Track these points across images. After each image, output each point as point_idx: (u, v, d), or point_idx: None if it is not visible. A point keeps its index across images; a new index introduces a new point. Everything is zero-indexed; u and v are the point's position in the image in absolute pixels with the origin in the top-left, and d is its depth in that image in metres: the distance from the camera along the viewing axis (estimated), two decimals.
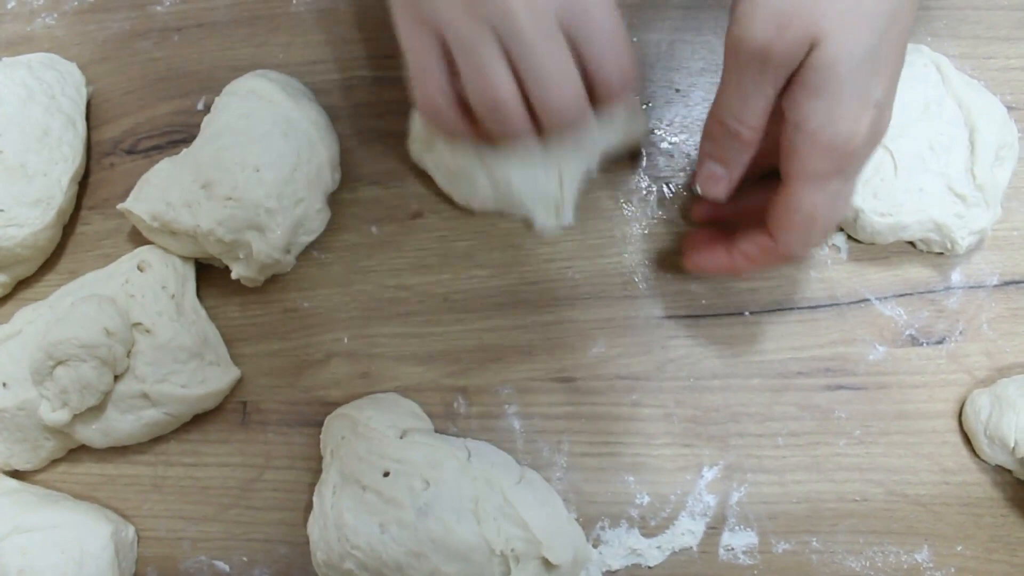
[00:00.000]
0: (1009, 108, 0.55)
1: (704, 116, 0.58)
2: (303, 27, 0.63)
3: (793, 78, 0.42)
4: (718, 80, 0.58)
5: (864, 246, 0.56)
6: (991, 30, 0.59)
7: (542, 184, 0.53)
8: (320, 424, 0.54)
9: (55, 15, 0.65)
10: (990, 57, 0.59)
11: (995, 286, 0.55)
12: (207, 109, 0.59)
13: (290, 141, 0.54)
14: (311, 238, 0.56)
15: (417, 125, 0.56)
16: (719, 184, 0.49)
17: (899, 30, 0.42)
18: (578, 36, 0.43)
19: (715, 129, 0.47)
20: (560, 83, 0.44)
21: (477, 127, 0.47)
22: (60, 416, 0.52)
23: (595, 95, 0.46)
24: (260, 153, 0.53)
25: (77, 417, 0.52)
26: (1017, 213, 0.56)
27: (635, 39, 0.60)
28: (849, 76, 0.41)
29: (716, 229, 0.53)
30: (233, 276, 0.55)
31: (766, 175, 0.49)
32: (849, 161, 0.43)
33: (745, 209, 0.50)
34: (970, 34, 0.59)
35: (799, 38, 0.41)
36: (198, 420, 0.56)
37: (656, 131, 0.59)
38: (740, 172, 0.48)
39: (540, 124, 0.46)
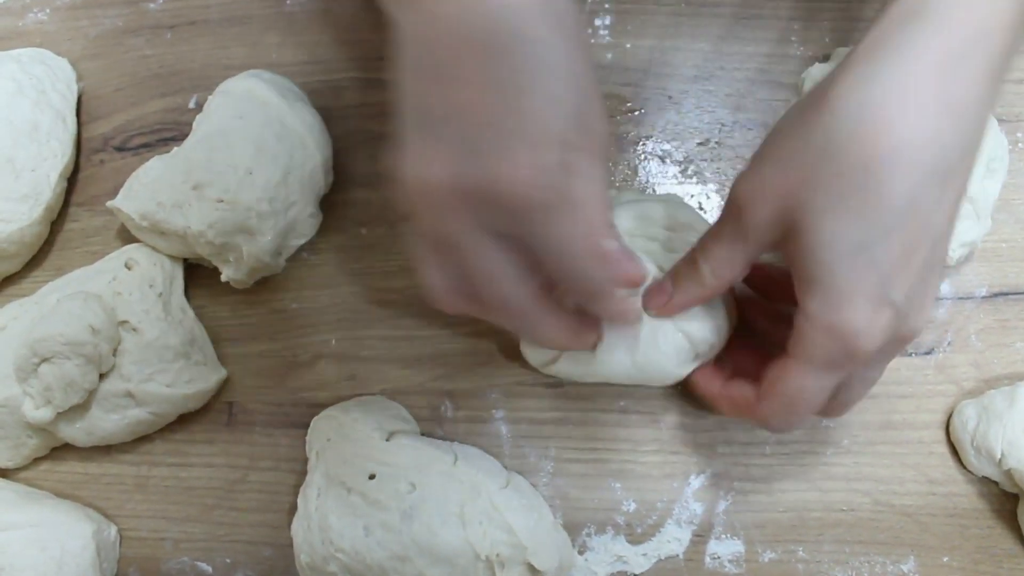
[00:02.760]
0: (999, 120, 0.56)
1: (696, 123, 0.59)
2: (296, 27, 0.63)
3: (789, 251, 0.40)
4: (711, 87, 0.59)
5: None
6: None
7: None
8: (306, 426, 0.54)
9: (47, 10, 0.65)
10: None
11: (984, 298, 0.55)
12: (199, 108, 0.59)
13: (283, 144, 0.54)
14: (302, 241, 0.56)
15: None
16: (659, 298, 0.46)
17: (921, 225, 0.37)
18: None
19: (687, 257, 0.45)
20: (499, 288, 0.40)
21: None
22: (43, 414, 0.51)
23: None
24: (253, 155, 0.53)
25: (61, 415, 0.52)
26: (1006, 225, 0.56)
27: (628, 45, 0.60)
28: (839, 267, 0.38)
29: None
30: (223, 279, 0.54)
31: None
32: (854, 358, 0.39)
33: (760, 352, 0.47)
34: None
35: (768, 218, 0.40)
36: (183, 420, 0.56)
37: (648, 138, 0.59)
38: (687, 304, 0.46)
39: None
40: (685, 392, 0.54)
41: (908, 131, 0.36)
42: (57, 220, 0.60)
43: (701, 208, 0.57)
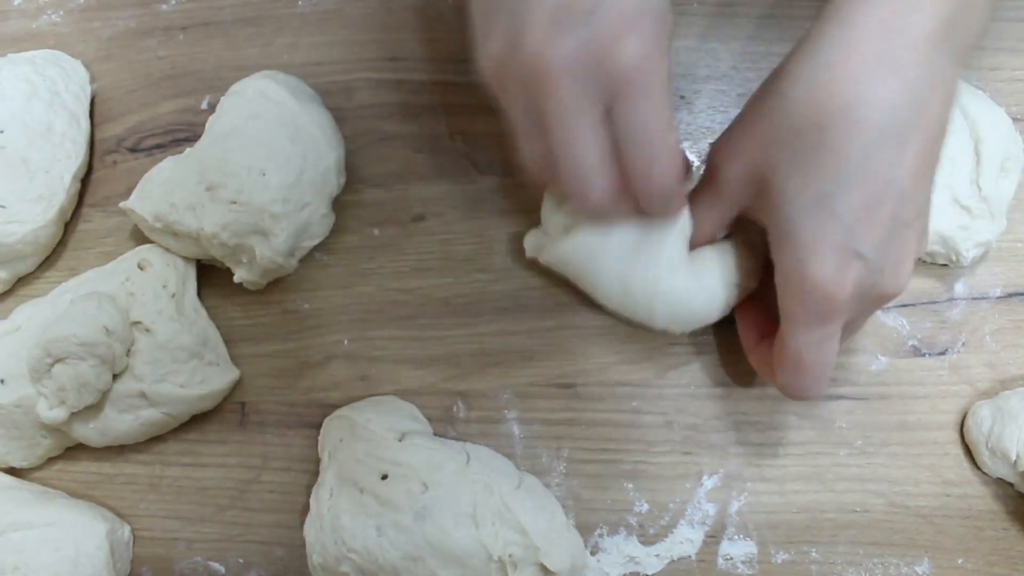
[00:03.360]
0: (1015, 119, 0.55)
1: (708, 123, 0.59)
2: (308, 28, 0.63)
3: (761, 209, 0.44)
4: (723, 87, 0.59)
5: None
6: (997, 41, 0.59)
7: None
8: (318, 426, 0.54)
9: (61, 12, 0.65)
10: (996, 68, 0.59)
11: (998, 298, 0.55)
12: (212, 108, 0.59)
13: (297, 145, 0.54)
14: (315, 242, 0.56)
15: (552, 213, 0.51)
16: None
17: (880, 180, 0.40)
18: (615, 128, 0.42)
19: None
20: (583, 164, 0.42)
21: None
22: (57, 414, 0.51)
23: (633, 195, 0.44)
24: (266, 156, 0.53)
25: (74, 415, 0.52)
26: (1021, 225, 0.56)
27: None
28: (802, 219, 0.41)
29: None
30: (236, 280, 0.54)
31: None
32: (831, 310, 0.42)
33: None
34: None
35: (740, 176, 0.44)
36: (196, 420, 0.56)
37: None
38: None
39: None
40: (697, 393, 0.54)
41: (855, 90, 0.39)
42: (70, 221, 0.60)
43: None
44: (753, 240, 0.49)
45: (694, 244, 0.48)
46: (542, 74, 0.40)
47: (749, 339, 0.51)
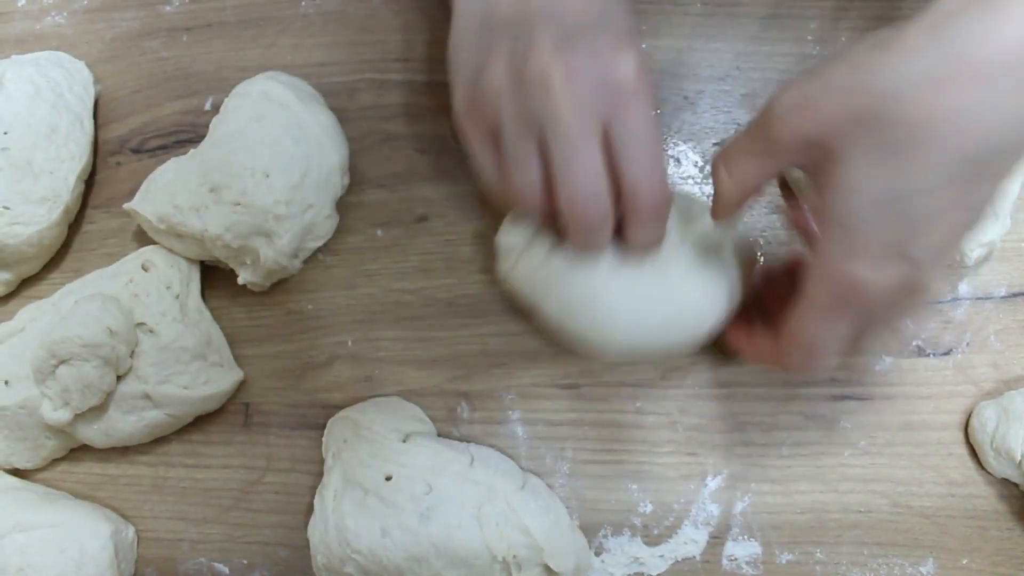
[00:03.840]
0: None
1: (712, 124, 0.58)
2: (311, 29, 0.63)
3: (817, 179, 0.39)
4: (726, 88, 0.59)
5: None
6: None
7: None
8: (322, 427, 0.54)
9: (64, 13, 0.65)
10: None
11: (1003, 298, 0.55)
12: (215, 109, 0.59)
13: (301, 146, 0.54)
14: (319, 244, 0.56)
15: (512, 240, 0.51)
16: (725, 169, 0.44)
17: (958, 193, 0.37)
18: (614, 142, 0.43)
19: (711, 164, 0.45)
20: (584, 180, 0.43)
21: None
22: (61, 415, 0.51)
23: (623, 208, 0.44)
24: (270, 158, 0.53)
25: (78, 417, 0.52)
26: None
27: (644, 45, 0.60)
28: (863, 214, 0.37)
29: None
30: (240, 282, 0.54)
31: None
32: (862, 308, 0.39)
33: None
34: None
35: (803, 138, 0.38)
36: (200, 421, 0.56)
37: (664, 138, 0.58)
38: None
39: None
40: (701, 394, 0.54)
41: (972, 102, 0.35)
42: (74, 222, 0.60)
43: None
44: (745, 248, 0.49)
45: (731, 203, 0.43)
46: (551, 89, 0.41)
47: (738, 337, 0.49)
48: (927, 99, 0.35)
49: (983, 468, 0.52)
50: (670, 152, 0.58)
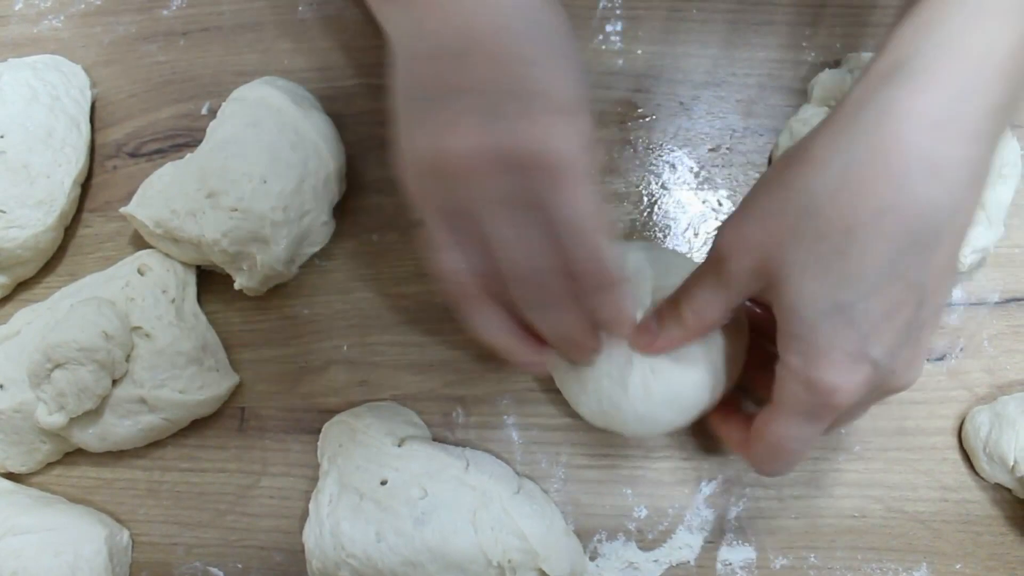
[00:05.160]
0: (1012, 126, 0.55)
1: (707, 129, 0.59)
2: (308, 34, 0.63)
3: (771, 301, 0.40)
4: (722, 93, 0.59)
5: None
6: None
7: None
8: (318, 431, 0.54)
9: (61, 17, 0.65)
10: None
11: (996, 303, 0.55)
12: (212, 114, 0.59)
13: (298, 152, 0.54)
14: (315, 249, 0.56)
15: None
16: (646, 336, 0.44)
17: (904, 287, 0.37)
18: (552, 226, 0.39)
19: (671, 298, 0.44)
20: (521, 256, 0.40)
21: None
22: (56, 419, 0.51)
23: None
24: (268, 164, 0.53)
25: (74, 421, 0.52)
26: (1019, 231, 0.56)
27: (639, 51, 0.60)
28: (817, 327, 0.37)
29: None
30: (236, 287, 0.54)
31: None
32: (830, 412, 0.39)
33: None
34: None
35: (749, 269, 0.40)
36: (196, 425, 0.56)
37: (659, 144, 0.59)
38: (671, 344, 0.44)
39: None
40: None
41: (891, 195, 0.35)
42: (71, 226, 0.60)
43: (713, 211, 0.57)
44: (738, 320, 0.47)
45: (698, 333, 0.44)
46: (472, 173, 0.38)
47: (715, 418, 0.48)
48: (845, 208, 0.36)
49: (976, 473, 0.52)
50: (666, 158, 0.58)
